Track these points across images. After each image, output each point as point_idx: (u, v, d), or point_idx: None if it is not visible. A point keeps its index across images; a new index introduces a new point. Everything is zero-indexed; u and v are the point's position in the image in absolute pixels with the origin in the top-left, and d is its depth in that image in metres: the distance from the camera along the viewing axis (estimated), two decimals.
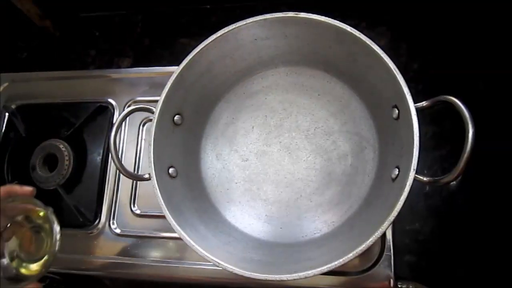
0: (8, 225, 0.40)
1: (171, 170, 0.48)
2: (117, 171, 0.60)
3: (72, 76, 0.69)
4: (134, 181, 0.60)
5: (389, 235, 0.51)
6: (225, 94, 0.56)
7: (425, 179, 0.39)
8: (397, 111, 0.44)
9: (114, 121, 0.63)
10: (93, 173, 0.61)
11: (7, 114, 0.68)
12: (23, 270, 0.41)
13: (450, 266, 0.54)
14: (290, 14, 0.46)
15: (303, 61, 0.53)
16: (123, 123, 0.62)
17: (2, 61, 0.77)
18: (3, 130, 0.67)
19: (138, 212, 0.59)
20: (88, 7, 0.76)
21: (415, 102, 0.40)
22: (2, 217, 0.39)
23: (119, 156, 0.60)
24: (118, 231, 0.58)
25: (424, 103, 0.41)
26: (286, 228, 0.51)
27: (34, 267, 0.41)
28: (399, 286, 0.51)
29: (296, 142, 0.53)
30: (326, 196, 0.51)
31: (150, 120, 0.46)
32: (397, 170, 0.42)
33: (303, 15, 0.45)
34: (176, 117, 0.50)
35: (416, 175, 0.38)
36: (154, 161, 0.44)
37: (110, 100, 0.65)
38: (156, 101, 0.47)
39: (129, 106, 0.64)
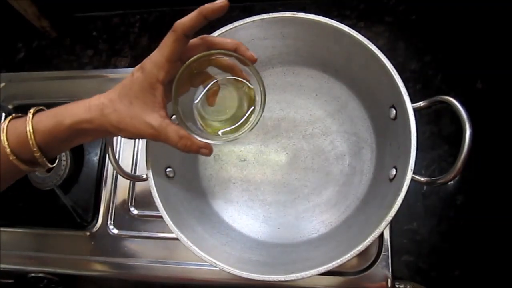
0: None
1: (168, 170, 0.48)
2: (114, 171, 0.60)
3: (69, 76, 0.69)
4: (132, 182, 0.60)
5: (386, 235, 0.51)
6: None
7: (422, 179, 0.39)
8: (394, 111, 0.44)
9: None
10: (90, 173, 0.61)
11: (4, 114, 0.68)
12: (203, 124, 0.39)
13: (448, 266, 0.54)
14: (288, 14, 0.46)
15: (301, 61, 0.53)
16: None
17: (0, 61, 0.77)
18: None
19: (135, 212, 0.59)
20: (86, 7, 0.75)
21: (413, 102, 0.40)
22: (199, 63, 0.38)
23: (116, 157, 0.60)
24: (115, 231, 0.58)
25: (421, 103, 0.41)
26: (284, 229, 0.51)
27: (215, 124, 0.39)
28: (397, 286, 0.51)
29: (294, 142, 0.53)
30: (324, 196, 0.51)
31: None
32: (395, 170, 0.42)
33: (300, 15, 0.45)
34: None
35: (414, 175, 0.38)
36: (151, 162, 0.44)
37: None
38: None
39: None
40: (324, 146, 0.52)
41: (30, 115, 0.36)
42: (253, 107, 0.39)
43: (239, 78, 0.39)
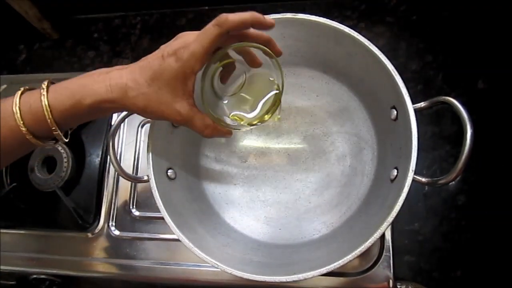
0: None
1: (169, 171, 0.48)
2: (116, 173, 0.60)
3: (70, 78, 0.69)
4: (133, 183, 0.60)
5: (388, 236, 0.51)
6: None
7: (423, 180, 0.39)
8: (395, 112, 0.44)
9: (113, 122, 0.63)
10: (92, 175, 0.61)
11: None
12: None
13: (449, 267, 0.54)
14: (288, 15, 0.46)
15: (302, 62, 0.53)
16: (122, 124, 0.62)
17: (1, 64, 0.77)
18: None
19: (136, 214, 0.59)
20: (87, 8, 0.76)
21: (413, 102, 0.40)
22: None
23: (118, 158, 0.60)
24: (117, 233, 0.58)
25: (422, 104, 0.41)
26: (285, 230, 0.51)
27: (237, 113, 0.41)
28: (399, 286, 0.51)
29: (295, 143, 0.53)
30: (325, 197, 0.51)
31: (149, 121, 0.46)
32: (396, 171, 0.42)
33: (300, 16, 0.45)
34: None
35: (415, 176, 0.38)
36: (153, 163, 0.44)
37: None
38: None
39: None
40: (325, 147, 0.52)
41: (44, 92, 0.36)
42: (271, 96, 0.40)
43: (261, 70, 0.40)
